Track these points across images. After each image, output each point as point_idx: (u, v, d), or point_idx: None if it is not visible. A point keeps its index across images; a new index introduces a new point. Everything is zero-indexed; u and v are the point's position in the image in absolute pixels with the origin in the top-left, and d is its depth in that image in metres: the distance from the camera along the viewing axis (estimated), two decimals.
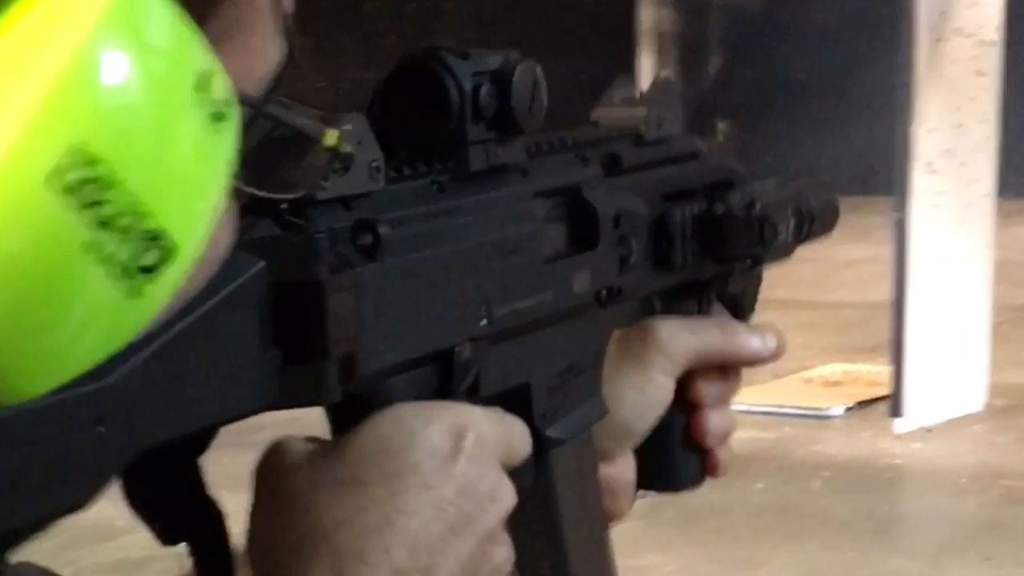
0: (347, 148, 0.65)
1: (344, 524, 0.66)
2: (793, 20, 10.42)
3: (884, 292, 4.83)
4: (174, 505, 0.66)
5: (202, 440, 0.65)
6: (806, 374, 5.08)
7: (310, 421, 0.71)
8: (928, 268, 4.70)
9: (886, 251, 4.84)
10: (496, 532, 0.70)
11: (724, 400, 0.91)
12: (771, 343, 0.91)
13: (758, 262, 0.91)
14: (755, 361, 0.90)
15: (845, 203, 0.99)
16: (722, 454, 0.92)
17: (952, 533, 3.78)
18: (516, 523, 0.72)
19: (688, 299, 0.90)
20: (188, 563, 0.75)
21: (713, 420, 0.90)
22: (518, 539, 0.73)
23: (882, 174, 5.14)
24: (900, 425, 4.54)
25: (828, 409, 4.73)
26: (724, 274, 0.91)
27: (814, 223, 0.94)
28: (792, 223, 0.91)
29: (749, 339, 0.90)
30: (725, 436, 0.91)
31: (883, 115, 5.24)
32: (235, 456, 0.87)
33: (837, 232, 0.99)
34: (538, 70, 0.75)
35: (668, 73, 9.96)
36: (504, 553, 0.71)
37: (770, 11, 10.35)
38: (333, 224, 0.65)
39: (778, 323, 0.92)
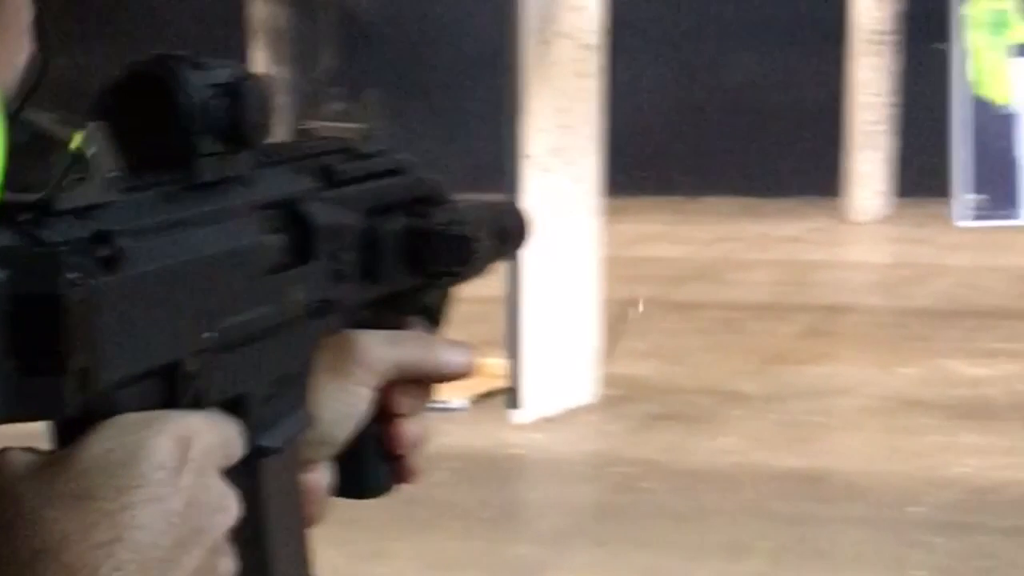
0: (89, 152, 0.65)
1: (75, 539, 0.65)
2: (405, 18, 10.53)
3: (501, 287, 4.95)
4: None
5: None
6: None
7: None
8: (541, 264, 4.84)
9: None
10: (221, 544, 0.71)
11: (419, 410, 0.93)
12: (466, 357, 0.93)
13: (457, 278, 0.94)
14: (451, 374, 0.93)
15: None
16: (415, 462, 0.94)
17: (570, 519, 3.91)
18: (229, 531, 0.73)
19: (388, 312, 0.92)
20: None
21: (409, 430, 0.92)
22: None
23: (494, 170, 5.26)
24: (519, 416, 4.67)
25: (450, 402, 4.80)
26: (422, 288, 0.94)
27: (509, 241, 0.99)
28: (490, 241, 0.94)
29: (446, 352, 0.92)
30: (419, 445, 0.94)
31: (496, 114, 5.37)
32: None
33: None
34: (268, 84, 0.76)
35: (281, 69, 9.90)
36: (228, 564, 0.71)
37: (384, 8, 10.43)
38: (71, 235, 0.65)
39: None
